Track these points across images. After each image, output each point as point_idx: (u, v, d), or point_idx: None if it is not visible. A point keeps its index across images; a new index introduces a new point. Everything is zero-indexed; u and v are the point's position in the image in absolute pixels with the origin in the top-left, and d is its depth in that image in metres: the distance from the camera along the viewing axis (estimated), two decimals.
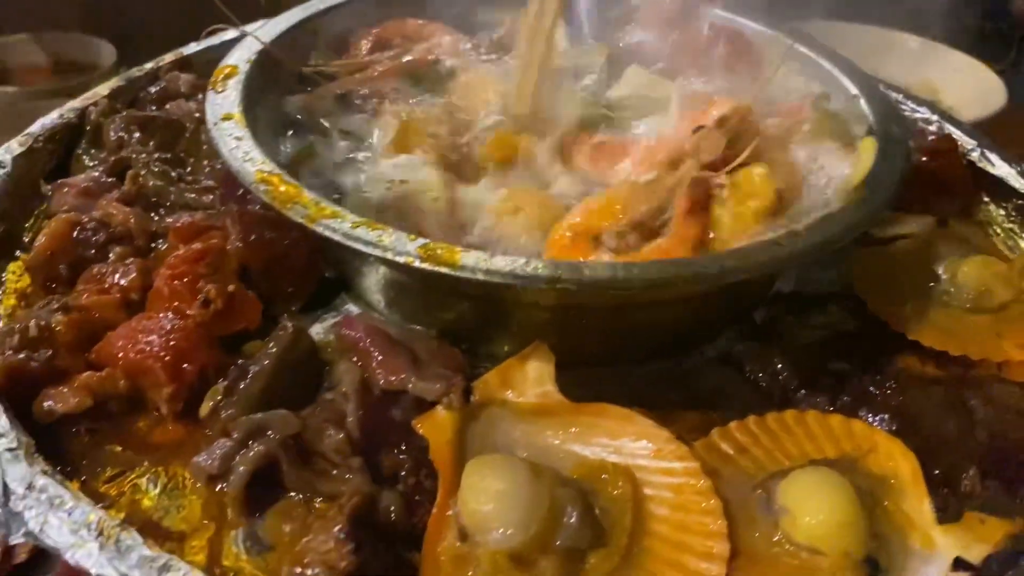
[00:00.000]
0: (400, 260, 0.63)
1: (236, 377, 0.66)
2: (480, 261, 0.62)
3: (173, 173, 0.90)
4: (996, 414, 0.68)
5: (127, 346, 0.68)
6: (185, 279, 0.72)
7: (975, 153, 0.99)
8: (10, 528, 0.58)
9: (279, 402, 0.65)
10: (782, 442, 0.66)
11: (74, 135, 0.96)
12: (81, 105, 0.98)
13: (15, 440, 0.61)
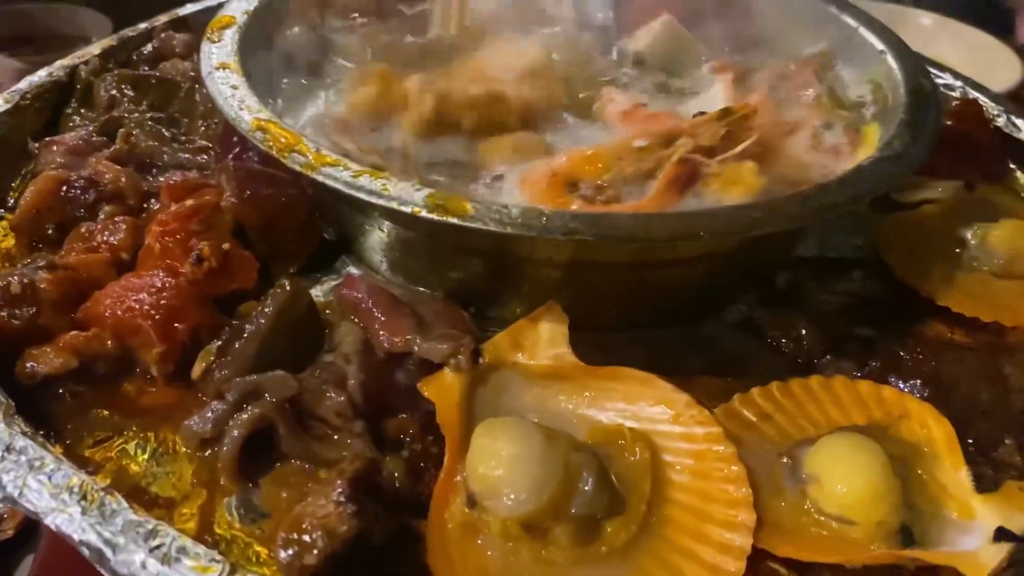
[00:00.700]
0: (406, 210, 0.59)
1: (231, 337, 0.63)
2: (491, 210, 0.59)
3: (166, 133, 0.87)
4: None
5: (115, 304, 0.64)
6: (177, 236, 0.68)
7: (1001, 119, 0.97)
8: None
9: (276, 364, 0.61)
10: (807, 409, 0.64)
11: (64, 94, 0.92)
12: (71, 63, 0.94)
13: None
